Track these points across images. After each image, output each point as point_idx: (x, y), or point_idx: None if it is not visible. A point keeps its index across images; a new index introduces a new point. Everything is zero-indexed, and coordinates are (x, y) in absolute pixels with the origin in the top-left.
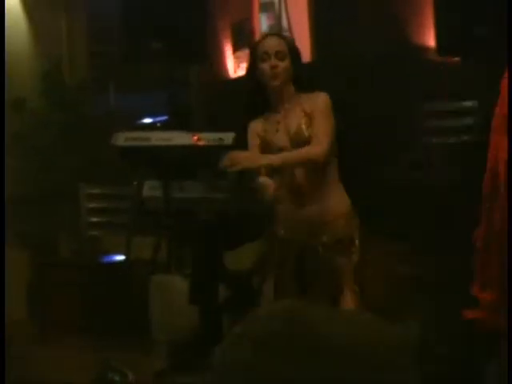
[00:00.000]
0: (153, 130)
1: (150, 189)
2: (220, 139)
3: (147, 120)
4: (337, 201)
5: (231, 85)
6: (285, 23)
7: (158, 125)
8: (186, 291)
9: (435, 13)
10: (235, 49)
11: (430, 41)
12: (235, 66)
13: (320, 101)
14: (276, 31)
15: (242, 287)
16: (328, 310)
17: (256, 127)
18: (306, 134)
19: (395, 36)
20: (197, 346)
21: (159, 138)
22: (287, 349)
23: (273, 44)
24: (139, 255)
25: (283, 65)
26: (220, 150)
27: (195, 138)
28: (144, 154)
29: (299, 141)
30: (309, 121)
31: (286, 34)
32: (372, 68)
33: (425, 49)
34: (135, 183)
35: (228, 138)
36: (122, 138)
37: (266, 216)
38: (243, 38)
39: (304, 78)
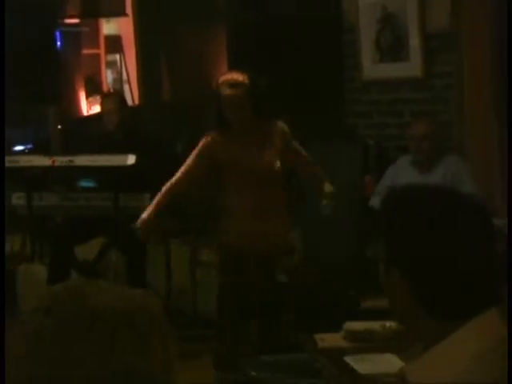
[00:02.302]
0: (21, 155)
1: (17, 198)
2: (70, 161)
3: (19, 147)
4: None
5: (84, 121)
6: (125, 76)
7: (26, 151)
8: (45, 276)
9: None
10: (88, 95)
11: None
12: (88, 108)
13: (287, 132)
14: (234, 75)
15: (88, 272)
16: (103, 284)
17: (214, 139)
18: (276, 167)
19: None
20: None
21: (25, 161)
22: (70, 318)
23: (233, 91)
24: (10, 249)
25: (242, 103)
26: (73, 169)
27: (52, 160)
28: (13, 172)
29: (272, 169)
30: (277, 153)
31: (125, 84)
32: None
33: None
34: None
35: (78, 160)
36: None
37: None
38: (93, 87)
39: (262, 109)
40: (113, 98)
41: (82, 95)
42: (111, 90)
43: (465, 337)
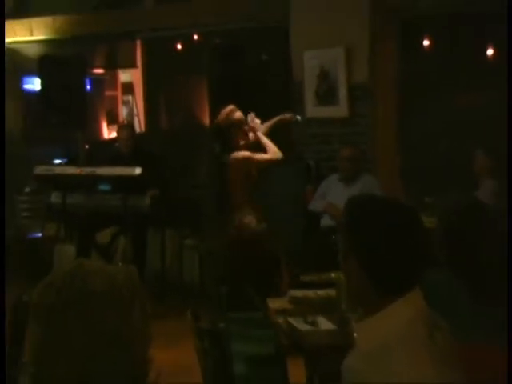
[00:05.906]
0: (57, 165)
1: (55, 197)
2: (93, 171)
3: (56, 161)
4: None
5: (104, 143)
6: (135, 111)
7: (62, 163)
8: (74, 253)
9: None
10: (108, 124)
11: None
12: (108, 133)
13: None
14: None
15: (104, 252)
16: (96, 266)
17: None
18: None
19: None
20: None
21: (59, 170)
22: (74, 297)
23: (242, 118)
24: (48, 234)
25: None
26: (95, 177)
27: (79, 170)
28: (51, 178)
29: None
30: None
31: (135, 117)
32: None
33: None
34: (46, 194)
35: (99, 170)
36: (39, 169)
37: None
38: (112, 119)
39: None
40: (126, 129)
41: (104, 124)
42: (125, 122)
43: (401, 307)
